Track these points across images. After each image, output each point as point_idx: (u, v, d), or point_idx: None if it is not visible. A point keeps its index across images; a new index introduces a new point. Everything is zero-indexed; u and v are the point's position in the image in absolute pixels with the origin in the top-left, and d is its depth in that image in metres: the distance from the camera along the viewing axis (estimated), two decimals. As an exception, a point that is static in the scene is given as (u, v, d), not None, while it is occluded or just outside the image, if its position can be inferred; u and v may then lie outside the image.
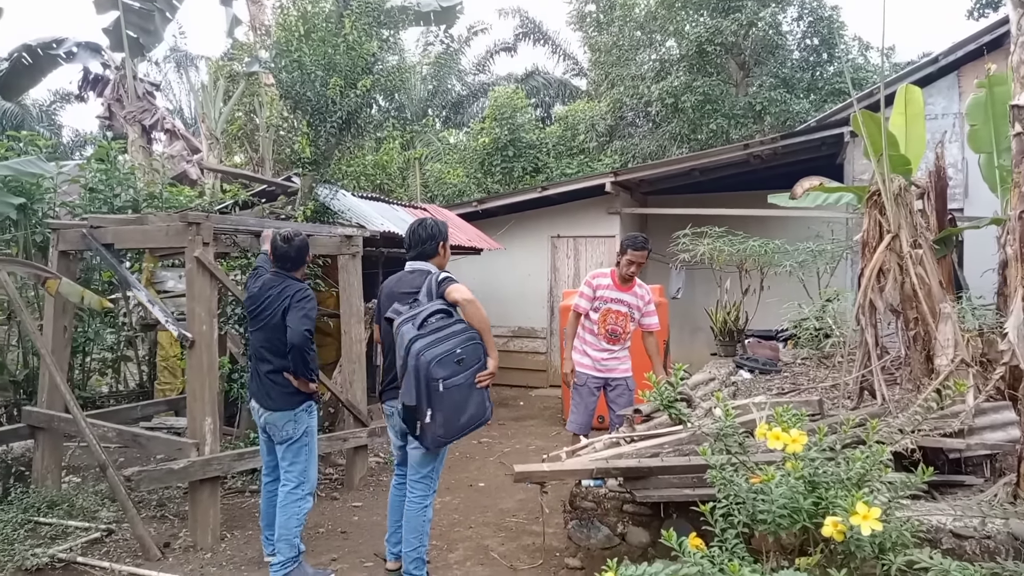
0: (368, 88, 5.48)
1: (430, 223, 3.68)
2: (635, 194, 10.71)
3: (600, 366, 4.90)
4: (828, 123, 8.82)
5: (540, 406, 8.94)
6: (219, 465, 4.23)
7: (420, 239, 3.63)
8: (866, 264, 3.97)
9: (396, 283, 3.65)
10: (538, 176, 15.20)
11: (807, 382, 6.80)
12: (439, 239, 3.64)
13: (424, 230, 3.64)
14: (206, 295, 4.23)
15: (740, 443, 2.74)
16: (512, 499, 5.15)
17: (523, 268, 10.28)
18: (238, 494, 5.26)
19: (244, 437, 5.35)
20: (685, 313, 10.51)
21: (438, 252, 3.63)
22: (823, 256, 7.64)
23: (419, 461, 3.54)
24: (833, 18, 15.81)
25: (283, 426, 3.77)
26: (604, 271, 5.07)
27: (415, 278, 3.55)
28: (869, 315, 3.91)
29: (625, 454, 3.48)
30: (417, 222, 3.71)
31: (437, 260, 3.64)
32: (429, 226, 3.65)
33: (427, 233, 3.62)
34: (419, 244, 3.63)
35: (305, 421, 3.83)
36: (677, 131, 15.21)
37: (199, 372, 4.19)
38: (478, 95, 20.04)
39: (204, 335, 4.20)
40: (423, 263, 3.61)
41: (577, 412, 4.99)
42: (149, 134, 10.76)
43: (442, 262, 3.67)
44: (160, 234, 4.41)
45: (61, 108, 22.24)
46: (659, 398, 2.73)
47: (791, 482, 2.46)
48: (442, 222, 3.73)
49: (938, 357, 3.67)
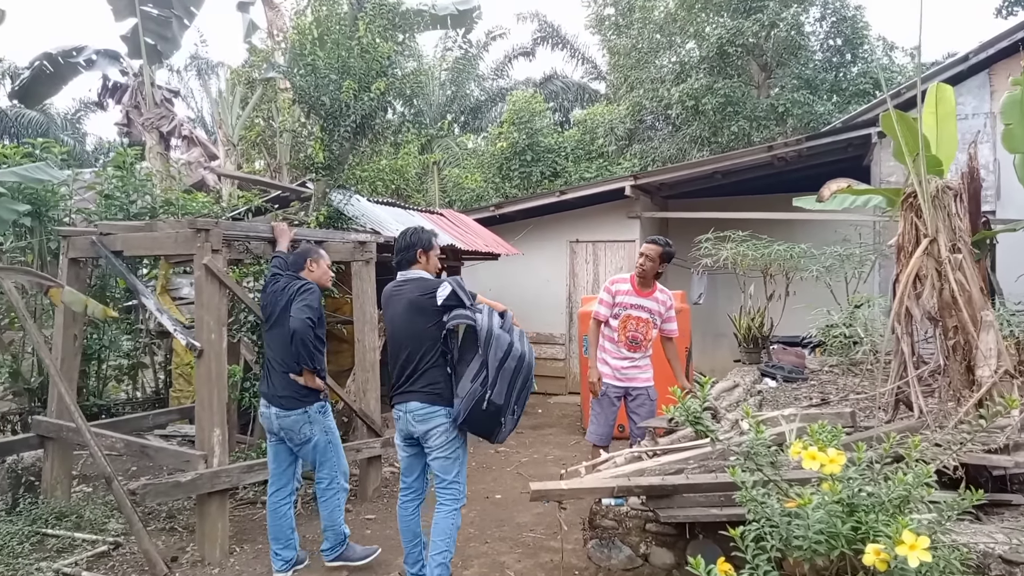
0: (382, 91, 5.37)
1: (410, 232, 3.66)
2: (655, 198, 10.52)
3: (620, 375, 4.73)
4: (855, 124, 8.58)
5: (559, 414, 8.76)
6: (228, 478, 4.12)
7: (399, 247, 3.64)
8: (901, 269, 3.77)
9: (395, 296, 3.59)
10: (556, 180, 15.06)
11: (835, 391, 6.59)
12: (417, 247, 3.60)
13: (403, 239, 3.64)
14: (215, 303, 4.12)
15: (772, 461, 2.56)
16: (529, 513, 4.99)
17: (541, 273, 10.13)
18: (249, 505, 5.15)
19: (256, 447, 5.24)
20: (707, 319, 10.29)
21: (418, 260, 3.60)
22: (851, 261, 7.41)
23: (442, 468, 3.46)
24: (857, 18, 15.53)
25: (300, 429, 3.85)
26: (623, 276, 4.91)
27: (412, 288, 3.51)
28: (905, 323, 3.70)
29: (648, 470, 3.30)
30: (402, 231, 3.71)
31: (421, 267, 3.61)
32: (408, 235, 3.65)
33: (405, 242, 3.62)
34: (399, 252, 3.63)
35: (321, 421, 3.91)
36: (697, 134, 14.99)
37: (208, 381, 4.08)
38: (496, 100, 19.96)
39: (213, 344, 4.10)
40: (411, 271, 3.58)
41: (597, 423, 4.83)
42: (167, 141, 10.79)
43: (427, 268, 3.64)
44: (169, 241, 4.32)
45: (85, 116, 22.53)
46: (684, 412, 2.56)
47: (829, 505, 2.28)
48: (426, 231, 3.71)
49: (980, 368, 3.46)
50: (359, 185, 5.94)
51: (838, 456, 2.34)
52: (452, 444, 3.43)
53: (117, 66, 11.34)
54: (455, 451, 3.45)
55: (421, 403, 3.40)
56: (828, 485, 2.41)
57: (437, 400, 3.41)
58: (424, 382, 3.42)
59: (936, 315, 3.57)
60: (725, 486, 3.05)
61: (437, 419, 3.40)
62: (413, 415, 3.42)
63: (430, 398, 3.41)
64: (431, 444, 3.42)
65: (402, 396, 3.46)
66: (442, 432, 3.40)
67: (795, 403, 5.54)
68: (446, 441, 3.41)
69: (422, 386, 3.42)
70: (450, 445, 3.42)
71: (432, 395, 3.41)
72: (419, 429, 3.42)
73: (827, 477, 2.38)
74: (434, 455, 3.45)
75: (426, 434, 3.42)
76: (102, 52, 11.14)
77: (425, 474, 3.63)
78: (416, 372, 3.43)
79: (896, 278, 3.82)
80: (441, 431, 3.39)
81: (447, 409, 3.40)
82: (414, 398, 3.42)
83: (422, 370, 3.42)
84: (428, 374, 3.42)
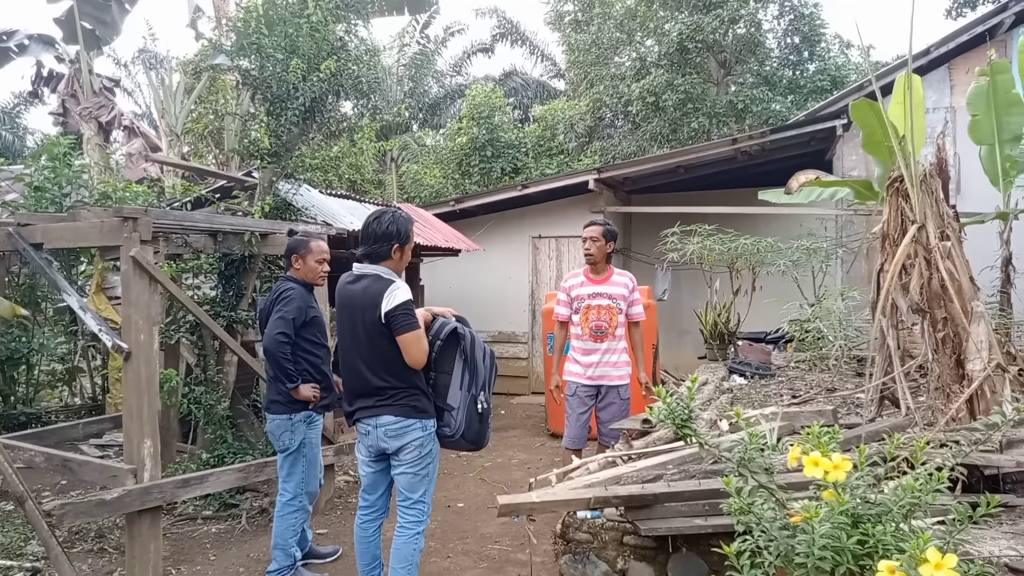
0: (333, 72, 5.01)
1: (388, 218, 3.05)
2: (619, 193, 10.32)
3: (591, 372, 4.46)
4: (819, 116, 8.50)
5: (522, 415, 8.48)
6: (160, 494, 3.72)
7: (373, 235, 3.03)
8: (887, 258, 3.57)
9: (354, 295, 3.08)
10: (517, 177, 14.80)
11: (804, 387, 6.45)
12: (395, 241, 3.03)
13: (379, 225, 3.03)
14: (144, 300, 3.72)
15: (766, 468, 2.31)
16: (495, 523, 4.69)
17: (503, 270, 9.84)
18: (189, 521, 4.74)
19: (196, 457, 4.83)
20: (671, 315, 10.14)
21: (391, 256, 3.05)
22: (817, 254, 7.29)
23: (409, 486, 3.09)
24: (814, 15, 15.65)
25: (280, 435, 3.74)
26: (576, 271, 4.71)
27: (368, 287, 3.01)
28: (891, 316, 3.50)
29: (624, 477, 3.03)
30: (375, 213, 3.10)
31: (391, 264, 3.06)
32: (386, 222, 3.03)
33: (382, 231, 3.02)
34: (370, 241, 3.04)
35: (302, 432, 3.74)
36: (657, 131, 14.93)
37: (136, 387, 3.68)
38: (455, 97, 19.63)
39: (142, 345, 3.70)
40: (374, 267, 3.04)
41: (570, 425, 4.56)
42: (106, 132, 10.17)
43: (398, 267, 3.09)
44: (94, 231, 3.90)
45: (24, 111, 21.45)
46: (670, 415, 2.29)
47: (835, 517, 2.03)
48: (406, 218, 3.12)
49: (971, 361, 3.28)
50: (310, 174, 5.56)
51: (843, 462, 2.09)
52: (425, 460, 3.07)
53: (52, 52, 10.68)
54: (426, 467, 3.09)
55: (396, 416, 3.02)
56: (829, 493, 2.17)
57: (412, 413, 3.03)
58: (398, 394, 3.03)
59: (924, 306, 3.38)
60: (709, 493, 2.80)
61: (413, 433, 3.03)
62: (385, 430, 3.03)
63: (405, 411, 3.03)
64: (402, 459, 3.05)
65: (371, 410, 3.05)
66: (416, 447, 3.04)
67: (768, 400, 5.36)
68: (419, 456, 3.05)
69: (397, 398, 3.03)
70: (422, 461, 3.06)
71: (407, 407, 3.03)
72: (392, 445, 3.05)
73: (828, 484, 2.14)
74: (403, 470, 3.07)
75: (399, 450, 3.05)
76: (35, 37, 10.48)
77: (390, 491, 3.27)
78: (385, 382, 3.03)
79: (880, 268, 3.63)
80: (415, 445, 3.04)
81: (423, 422, 3.05)
82: (387, 411, 3.03)
83: (393, 380, 3.02)
84: (400, 384, 3.03)
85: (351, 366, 3.10)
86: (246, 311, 5.17)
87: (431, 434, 3.09)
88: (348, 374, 3.14)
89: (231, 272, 5.07)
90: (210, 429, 5.00)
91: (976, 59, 9.08)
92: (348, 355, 3.11)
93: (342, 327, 3.15)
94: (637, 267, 10.59)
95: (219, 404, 4.90)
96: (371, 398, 3.05)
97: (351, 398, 3.15)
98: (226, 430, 4.96)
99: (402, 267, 3.15)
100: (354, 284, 3.08)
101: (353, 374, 3.10)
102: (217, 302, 5.09)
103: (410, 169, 15.74)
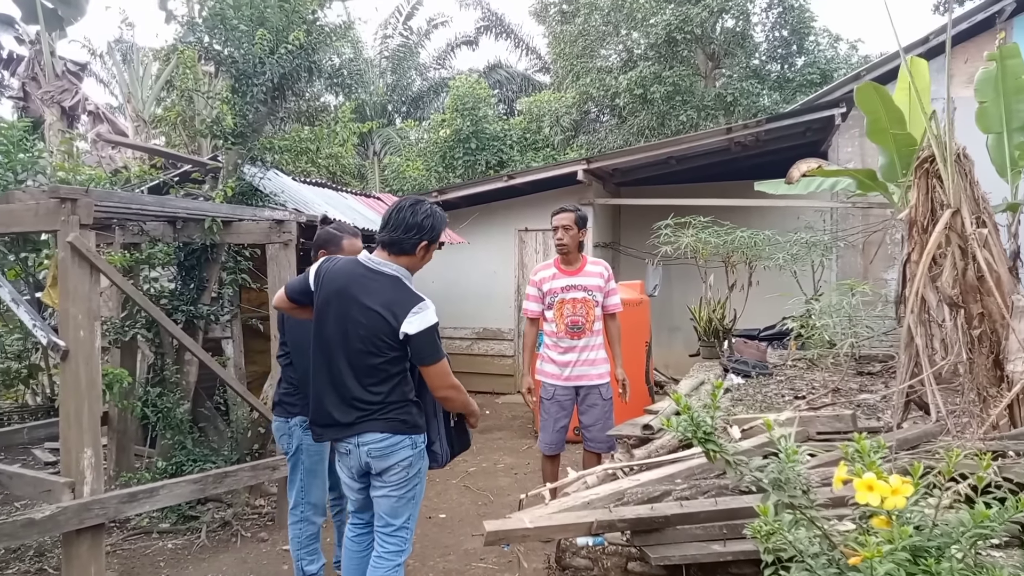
0: (302, 44, 4.58)
1: (426, 209, 2.64)
2: (607, 185, 9.97)
3: (568, 372, 4.09)
4: (817, 105, 8.19)
5: (508, 415, 8.11)
6: (102, 510, 3.29)
7: (404, 223, 2.59)
8: (914, 248, 3.23)
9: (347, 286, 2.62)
10: (503, 170, 14.42)
11: (806, 387, 6.14)
12: (426, 237, 2.61)
13: (414, 214, 2.60)
14: (84, 292, 3.29)
15: (805, 490, 1.94)
16: (480, 536, 4.30)
17: (488, 264, 9.46)
18: (143, 536, 4.31)
19: (152, 466, 4.41)
20: (661, 312, 9.80)
21: (415, 252, 2.63)
22: (817, 248, 6.98)
23: (392, 510, 2.68)
24: (803, 8, 15.43)
25: (279, 438, 3.51)
26: (546, 263, 4.34)
27: (383, 290, 2.56)
28: (919, 311, 3.16)
29: (628, 493, 2.67)
30: (410, 198, 2.70)
31: (408, 261, 2.64)
32: (423, 213, 2.61)
33: (416, 220, 2.59)
34: (399, 229, 2.59)
35: (299, 437, 3.38)
36: (645, 124, 14.67)
37: (75, 390, 3.26)
38: (439, 90, 19.26)
39: (82, 343, 3.27)
40: (393, 265, 2.61)
41: (545, 431, 4.19)
42: (70, 117, 9.64)
43: (414, 267, 2.68)
44: (28, 215, 3.46)
45: (-10, 99, 20.66)
46: (692, 427, 1.92)
47: (897, 554, 1.68)
48: (442, 216, 2.71)
49: (1011, 362, 2.95)
50: (278, 156, 5.13)
51: (903, 486, 1.73)
52: (412, 481, 2.67)
53: (12, 32, 10.13)
54: (412, 489, 2.69)
55: (382, 433, 2.59)
56: (882, 521, 1.81)
57: (401, 428, 2.61)
58: (387, 408, 2.61)
59: (958, 300, 3.04)
60: (728, 514, 2.44)
61: (402, 452, 2.61)
62: (370, 449, 2.59)
63: (393, 426, 2.60)
64: (386, 480, 2.64)
65: (352, 428, 2.61)
66: (404, 467, 2.63)
67: (771, 402, 5.03)
68: (405, 478, 2.65)
69: (384, 411, 2.61)
70: (409, 483, 2.67)
71: (396, 422, 2.61)
72: (378, 466, 2.63)
73: (884, 512, 1.79)
74: (385, 493, 2.66)
75: (384, 470, 2.63)
76: (-7, 16, 9.93)
77: None
78: (372, 394, 2.59)
79: (907, 258, 3.29)
80: (404, 465, 2.63)
81: (413, 438, 2.64)
82: (371, 427, 2.59)
83: (382, 392, 2.59)
84: (390, 397, 2.61)
85: (330, 369, 2.62)
86: (208, 305, 4.74)
87: (421, 451, 2.68)
88: (323, 378, 2.65)
89: (191, 263, 4.65)
90: (168, 434, 4.58)
91: (975, 48, 8.85)
92: (326, 355, 2.63)
93: (324, 319, 2.64)
94: (627, 261, 10.26)
95: (177, 407, 4.48)
96: (352, 411, 2.60)
97: (323, 409, 2.66)
98: (185, 435, 4.54)
99: (420, 268, 2.73)
100: (361, 276, 2.60)
101: (331, 380, 2.63)
102: (176, 295, 4.66)
103: (392, 161, 15.29)
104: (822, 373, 6.68)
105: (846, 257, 8.47)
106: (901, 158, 5.76)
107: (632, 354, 6.16)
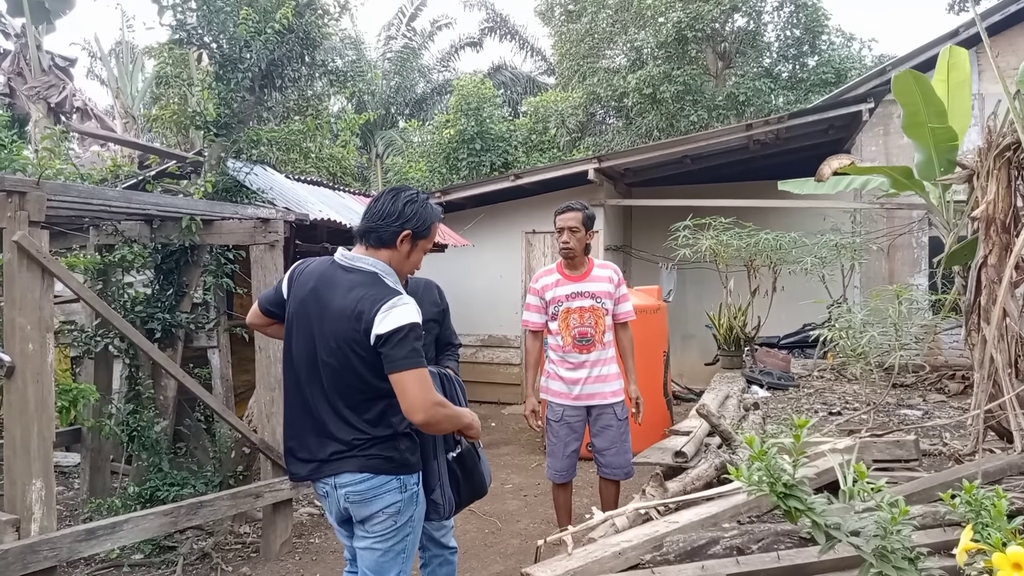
0: (289, 25, 4.15)
1: (408, 195, 2.22)
2: (619, 185, 9.53)
3: (578, 391, 3.61)
4: (842, 100, 7.75)
5: (515, 427, 7.66)
6: (52, 551, 2.85)
7: (382, 211, 2.18)
8: (991, 250, 2.78)
9: (315, 289, 2.19)
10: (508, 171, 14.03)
11: (838, 401, 5.71)
12: (407, 226, 2.17)
13: (394, 201, 2.19)
14: (34, 299, 2.86)
15: (911, 556, 1.50)
16: (486, 570, 3.87)
17: (494, 268, 9.02)
18: (112, 570, 3.87)
19: (122, 492, 3.98)
20: (675, 318, 9.35)
21: (395, 245, 2.17)
22: (847, 251, 6.54)
23: (377, 567, 2.17)
24: (816, 7, 15.03)
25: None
26: (548, 267, 3.83)
27: (354, 287, 2.10)
28: (998, 323, 2.71)
29: (667, 542, 2.22)
30: (394, 187, 2.29)
31: (389, 255, 2.18)
32: (404, 199, 2.20)
33: (395, 208, 2.17)
34: (375, 218, 2.18)
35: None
36: (654, 124, 14.26)
37: (23, 413, 2.82)
38: (442, 93, 18.92)
39: (31, 358, 2.84)
40: (370, 259, 2.16)
41: (555, 456, 3.68)
42: (56, 113, 9.25)
43: (400, 266, 2.22)
44: (-29, 210, 3.03)
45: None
46: (770, 481, 1.48)
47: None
48: (431, 207, 2.27)
49: (1116, 382, 2.49)
50: (264, 148, 4.71)
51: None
52: (401, 532, 2.17)
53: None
54: (402, 540, 2.18)
55: (361, 472, 2.11)
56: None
57: (385, 467, 2.12)
58: (368, 443, 2.11)
59: (1051, 310, 2.60)
60: (795, 571, 1.99)
61: (387, 497, 2.12)
62: (347, 493, 2.12)
63: (375, 464, 2.11)
64: (369, 530, 2.16)
65: (328, 465, 2.13)
66: (392, 514, 2.14)
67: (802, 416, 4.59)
68: (392, 528, 2.15)
69: (364, 447, 2.11)
70: (397, 533, 2.16)
71: (379, 459, 2.12)
72: (359, 513, 2.15)
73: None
74: (368, 545, 2.16)
75: (368, 518, 2.15)
76: (-23, 9, 9.53)
77: None
78: (351, 426, 2.11)
79: (983, 262, 2.84)
80: (390, 513, 2.14)
81: (401, 479, 2.14)
82: (348, 465, 2.11)
83: (363, 423, 2.11)
84: (369, 422, 2.12)
85: (300, 392, 2.17)
86: (188, 313, 4.30)
87: (414, 495, 2.17)
88: (295, 403, 2.20)
89: (170, 266, 4.22)
90: (144, 455, 4.14)
91: (1005, 43, 8.46)
92: (295, 374, 2.18)
93: (291, 331, 2.20)
94: (639, 265, 9.83)
95: (152, 425, 4.04)
96: (327, 444, 2.12)
97: (296, 443, 2.20)
98: (162, 456, 4.10)
99: (407, 269, 2.28)
100: (332, 276, 2.17)
101: (302, 405, 2.17)
102: (152, 302, 4.22)
103: (395, 163, 14.91)
104: (851, 385, 6.25)
105: (869, 261, 8.05)
106: (939, 154, 5.33)
107: (649, 365, 5.71)
